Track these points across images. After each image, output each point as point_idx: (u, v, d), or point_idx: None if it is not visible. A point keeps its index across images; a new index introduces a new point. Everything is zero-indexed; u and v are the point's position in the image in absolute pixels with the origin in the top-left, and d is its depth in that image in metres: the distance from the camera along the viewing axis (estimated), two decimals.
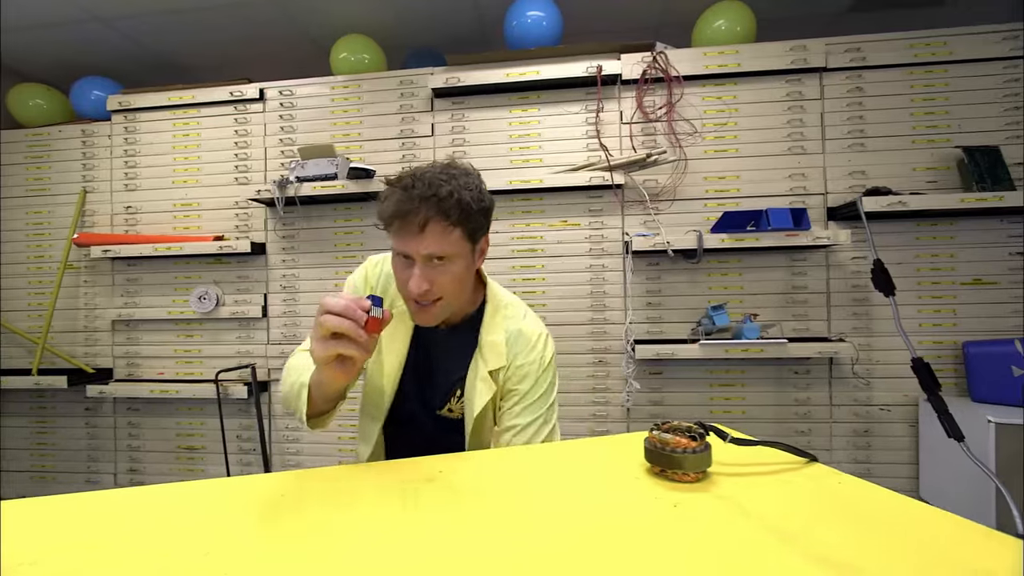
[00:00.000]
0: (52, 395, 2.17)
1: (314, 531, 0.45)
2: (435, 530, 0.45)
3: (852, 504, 0.49)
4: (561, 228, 1.90)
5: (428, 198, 0.71)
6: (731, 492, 0.51)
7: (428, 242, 0.72)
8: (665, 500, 0.50)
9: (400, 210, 0.71)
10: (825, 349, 1.66)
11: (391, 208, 0.72)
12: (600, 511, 0.49)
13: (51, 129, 2.21)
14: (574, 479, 0.58)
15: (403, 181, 0.73)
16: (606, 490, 0.54)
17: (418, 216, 0.71)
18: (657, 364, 1.84)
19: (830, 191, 1.80)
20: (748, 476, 0.56)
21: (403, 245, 0.74)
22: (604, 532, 0.44)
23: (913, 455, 1.75)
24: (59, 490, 2.15)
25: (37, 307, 2.18)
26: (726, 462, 0.59)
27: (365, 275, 0.92)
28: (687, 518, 0.46)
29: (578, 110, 1.89)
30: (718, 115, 1.84)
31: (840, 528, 0.44)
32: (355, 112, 2.02)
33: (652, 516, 0.47)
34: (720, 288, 1.84)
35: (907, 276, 1.74)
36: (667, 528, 0.45)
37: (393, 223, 0.73)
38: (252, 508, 0.50)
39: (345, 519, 0.48)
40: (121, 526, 0.47)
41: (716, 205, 1.83)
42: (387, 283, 0.89)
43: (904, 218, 1.75)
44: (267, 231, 2.04)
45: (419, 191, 0.71)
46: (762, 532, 0.43)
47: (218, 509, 0.51)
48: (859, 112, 1.79)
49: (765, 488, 0.52)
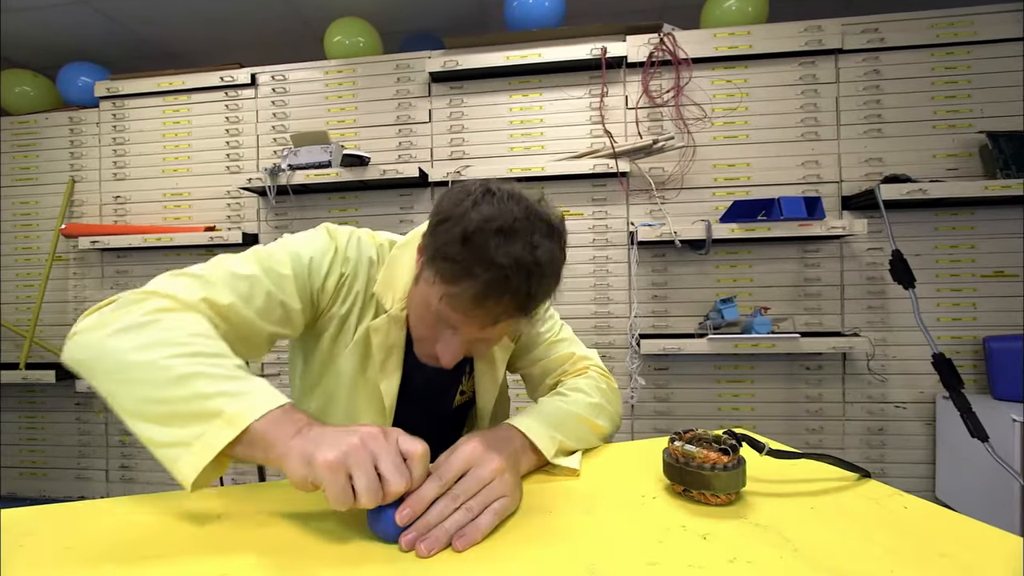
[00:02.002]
0: (41, 390, 2.12)
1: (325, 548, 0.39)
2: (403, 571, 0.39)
3: (930, 538, 0.39)
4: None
5: (522, 295, 0.52)
6: (773, 518, 0.43)
7: (491, 334, 0.58)
8: (692, 530, 0.42)
9: (471, 304, 0.52)
10: (839, 344, 1.59)
11: (461, 290, 0.51)
12: (610, 543, 0.41)
13: (38, 116, 2.14)
14: (579, 500, 0.51)
15: (489, 254, 0.50)
16: (617, 515, 0.46)
17: (497, 308, 0.52)
18: (663, 359, 1.77)
19: (845, 179, 1.72)
20: (791, 497, 0.48)
21: (458, 320, 0.55)
22: (617, 572, 0.38)
23: (929, 455, 1.69)
24: (50, 486, 2.11)
25: (25, 299, 2.12)
26: (761, 478, 0.51)
27: (332, 254, 0.64)
28: (720, 554, 0.38)
29: (581, 95, 1.81)
30: (728, 99, 1.76)
31: (920, 570, 0.35)
32: (350, 98, 1.94)
33: (676, 550, 0.40)
34: (729, 280, 1.76)
35: (925, 268, 1.67)
36: (696, 567, 0.38)
37: (460, 291, 0.52)
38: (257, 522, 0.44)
39: (325, 536, 0.42)
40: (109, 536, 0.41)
41: (725, 194, 1.76)
42: (366, 270, 0.66)
43: (923, 207, 1.67)
44: (259, 221, 1.98)
45: (514, 285, 0.51)
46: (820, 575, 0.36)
47: (216, 522, 0.45)
48: (876, 96, 1.70)
49: (814, 514, 0.44)
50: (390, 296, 0.65)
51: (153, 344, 0.45)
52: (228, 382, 0.43)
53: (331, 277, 0.63)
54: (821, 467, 0.53)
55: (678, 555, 0.38)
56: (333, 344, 0.66)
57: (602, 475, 0.56)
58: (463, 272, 0.51)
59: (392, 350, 0.66)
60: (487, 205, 0.52)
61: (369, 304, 0.66)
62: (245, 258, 0.59)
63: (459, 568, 0.38)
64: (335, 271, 0.64)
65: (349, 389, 0.67)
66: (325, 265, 0.63)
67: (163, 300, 0.50)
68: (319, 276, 0.63)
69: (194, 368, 0.43)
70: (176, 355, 0.44)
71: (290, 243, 0.63)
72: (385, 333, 0.64)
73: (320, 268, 0.63)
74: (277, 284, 0.59)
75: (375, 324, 0.64)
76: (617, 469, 0.58)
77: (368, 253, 0.67)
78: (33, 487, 2.12)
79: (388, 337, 0.65)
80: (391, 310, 0.64)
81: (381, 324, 0.64)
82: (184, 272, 0.55)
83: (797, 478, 0.52)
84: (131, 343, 0.45)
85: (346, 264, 0.65)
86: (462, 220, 0.51)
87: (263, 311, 0.58)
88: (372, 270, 0.67)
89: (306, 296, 0.62)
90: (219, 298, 0.54)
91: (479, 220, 0.51)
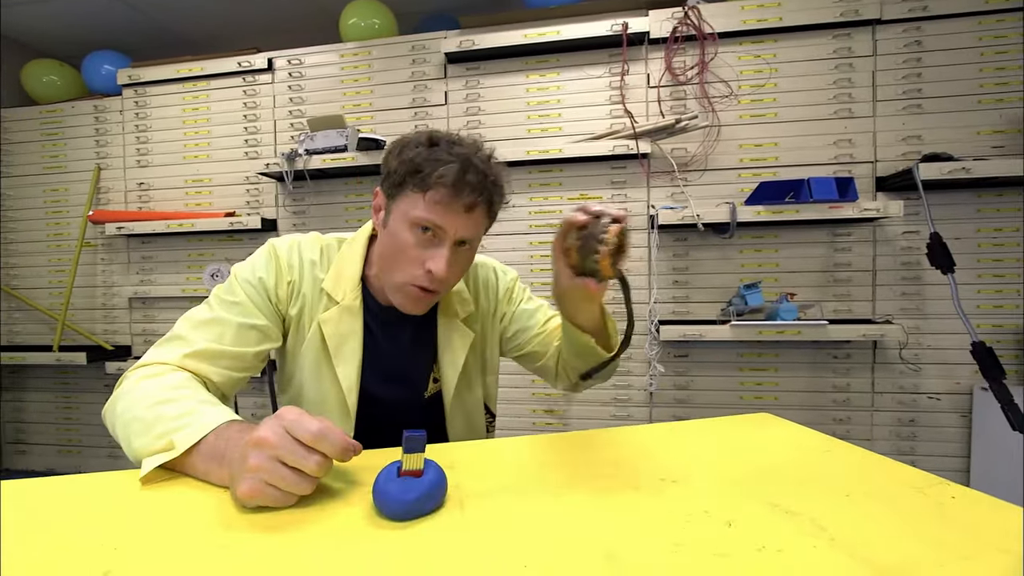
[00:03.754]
0: (74, 371, 2.19)
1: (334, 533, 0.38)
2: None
3: (985, 531, 0.36)
4: (582, 201, 1.78)
5: (482, 179, 0.63)
6: (805, 505, 0.40)
7: (470, 225, 0.65)
8: (716, 515, 0.39)
9: (453, 180, 0.61)
10: (870, 332, 1.53)
11: (441, 172, 0.61)
12: (628, 529, 0.39)
13: (64, 105, 2.18)
14: (593, 482, 0.49)
15: (454, 151, 0.62)
16: (635, 499, 0.44)
17: (471, 196, 0.62)
18: (683, 346, 1.73)
19: (880, 159, 1.63)
20: (824, 483, 0.45)
21: (439, 218, 0.62)
22: (637, 559, 0.35)
23: (963, 448, 1.61)
24: (84, 463, 2.20)
25: (57, 284, 2.19)
26: (791, 463, 0.49)
27: (276, 267, 0.70)
28: (747, 542, 0.35)
29: (601, 73, 1.76)
30: (756, 76, 1.68)
31: (977, 566, 0.32)
32: (365, 81, 1.92)
33: (699, 537, 0.37)
34: (754, 265, 1.70)
35: (966, 252, 1.58)
36: (722, 555, 0.35)
37: (432, 190, 0.61)
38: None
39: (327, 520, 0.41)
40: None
41: (751, 175, 1.69)
42: (310, 271, 0.72)
43: (964, 188, 1.57)
44: (277, 207, 1.99)
45: (474, 173, 0.62)
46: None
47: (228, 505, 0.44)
48: (916, 69, 1.60)
49: (850, 502, 0.41)
50: (341, 289, 0.72)
51: (132, 406, 0.55)
52: (179, 419, 0.51)
53: (280, 286, 0.71)
54: (856, 452, 0.49)
55: (701, 542, 0.36)
56: (294, 341, 0.73)
57: (617, 459, 0.54)
58: (434, 165, 0.61)
59: (347, 338, 0.71)
60: (433, 132, 0.65)
61: (319, 300, 0.72)
62: (207, 304, 0.69)
63: (469, 548, 0.36)
64: (283, 280, 0.71)
65: (313, 378, 0.72)
66: (272, 278, 0.70)
67: (153, 368, 0.61)
68: (271, 289, 0.70)
69: (156, 412, 0.53)
70: (148, 406, 0.54)
71: (240, 271, 0.71)
72: (336, 323, 0.71)
73: (268, 281, 0.70)
74: (238, 314, 0.67)
75: (324, 316, 0.71)
76: (633, 453, 0.56)
77: (310, 256, 0.73)
78: (70, 464, 2.21)
79: (340, 326, 0.71)
80: (342, 301, 0.71)
81: (331, 315, 0.71)
82: (165, 339, 0.65)
83: (831, 463, 0.48)
84: (122, 408, 0.57)
85: (291, 271, 0.72)
86: (416, 139, 0.64)
87: (236, 340, 0.66)
88: (316, 270, 0.73)
89: (268, 310, 0.70)
90: (195, 347, 0.63)
91: (429, 134, 0.65)
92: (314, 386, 0.72)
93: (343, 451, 0.43)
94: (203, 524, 0.40)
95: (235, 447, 0.45)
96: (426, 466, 0.43)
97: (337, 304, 0.71)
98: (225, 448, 0.47)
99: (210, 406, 0.53)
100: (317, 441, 0.42)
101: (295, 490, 0.42)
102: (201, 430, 0.49)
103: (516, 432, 1.81)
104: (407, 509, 0.41)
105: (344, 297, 0.71)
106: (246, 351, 0.67)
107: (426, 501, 0.41)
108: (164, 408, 0.53)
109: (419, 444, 0.42)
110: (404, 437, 0.42)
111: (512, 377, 1.83)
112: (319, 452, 0.42)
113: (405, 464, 0.42)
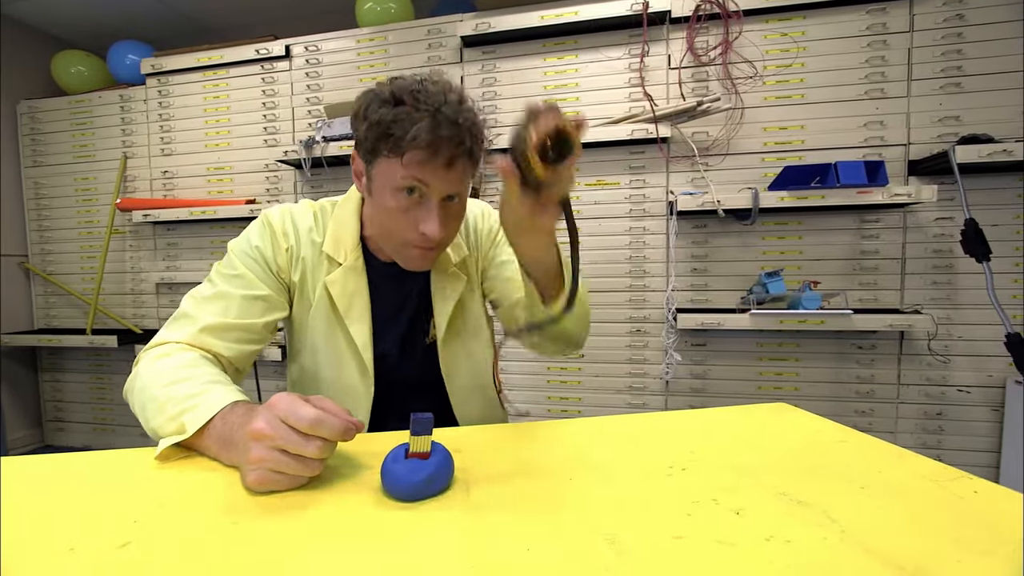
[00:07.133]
0: (107, 353, 2.29)
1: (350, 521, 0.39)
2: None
3: (1010, 529, 0.35)
4: (598, 188, 1.75)
5: (456, 130, 0.59)
6: (817, 496, 0.39)
7: (454, 180, 0.62)
8: (725, 504, 0.39)
9: (428, 139, 0.57)
10: (897, 321, 1.47)
11: (413, 134, 0.57)
12: (631, 514, 0.39)
13: (92, 95, 2.24)
14: (596, 468, 0.48)
15: (421, 106, 0.58)
16: (640, 486, 0.44)
17: (449, 151, 0.59)
18: (701, 335, 1.70)
19: (913, 141, 1.55)
20: (838, 474, 0.43)
21: (421, 180, 0.60)
22: (639, 545, 0.35)
23: (993, 443, 1.56)
24: (118, 441, 2.30)
25: (89, 270, 2.27)
26: (803, 451, 0.48)
27: (271, 236, 0.70)
28: (755, 531, 0.35)
29: (620, 55, 1.71)
30: (782, 55, 1.61)
31: (999, 566, 0.31)
32: (381, 66, 1.92)
33: (705, 525, 0.37)
34: (775, 253, 1.66)
35: (1003, 240, 1.50)
36: (727, 544, 0.35)
37: (408, 153, 0.58)
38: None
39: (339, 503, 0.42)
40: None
41: (776, 159, 1.63)
42: (307, 236, 0.72)
43: (1005, 171, 1.49)
44: (296, 194, 2.01)
45: (447, 125, 0.58)
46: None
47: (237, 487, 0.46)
48: (957, 45, 1.52)
49: (865, 494, 0.39)
50: (341, 250, 0.72)
51: (147, 386, 0.57)
52: (188, 400, 0.53)
53: (279, 254, 0.71)
54: (873, 443, 0.48)
55: (707, 530, 0.36)
56: (300, 307, 0.74)
57: (624, 445, 0.54)
58: (403, 126, 0.57)
59: (354, 297, 0.72)
60: (396, 83, 0.60)
61: (320, 264, 0.72)
62: (209, 280, 0.69)
63: (474, 530, 0.36)
64: (280, 247, 0.71)
65: (328, 341, 0.73)
66: (269, 247, 0.70)
67: (164, 348, 0.62)
68: (270, 258, 0.70)
69: (167, 393, 0.54)
70: (161, 386, 0.55)
71: (236, 245, 0.71)
72: (343, 283, 0.71)
73: (266, 251, 0.70)
74: (240, 286, 0.67)
75: (330, 279, 0.71)
76: (641, 440, 0.55)
77: (305, 222, 0.73)
78: (104, 442, 2.32)
79: (347, 286, 0.71)
80: (345, 262, 0.71)
81: (337, 277, 0.71)
82: (173, 319, 0.66)
83: (846, 454, 0.47)
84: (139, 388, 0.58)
85: (287, 238, 0.71)
86: (379, 95, 0.60)
87: (242, 312, 0.66)
88: (312, 235, 0.72)
89: (270, 280, 0.70)
90: (202, 324, 0.64)
91: (391, 88, 0.60)
92: (329, 348, 0.73)
93: (343, 433, 0.43)
94: (216, 502, 0.41)
95: (239, 433, 0.46)
96: (433, 448, 0.43)
97: (340, 265, 0.71)
98: (230, 433, 0.47)
99: (216, 385, 0.54)
100: (314, 428, 0.42)
101: (302, 474, 0.42)
102: (207, 412, 0.50)
103: (530, 418, 1.82)
104: (414, 490, 0.41)
105: (346, 258, 0.71)
106: (254, 322, 0.67)
107: (432, 482, 0.42)
108: (173, 389, 0.54)
109: (426, 427, 0.42)
110: (412, 420, 0.42)
111: (527, 364, 1.83)
112: (318, 437, 0.42)
113: (412, 446, 0.43)
